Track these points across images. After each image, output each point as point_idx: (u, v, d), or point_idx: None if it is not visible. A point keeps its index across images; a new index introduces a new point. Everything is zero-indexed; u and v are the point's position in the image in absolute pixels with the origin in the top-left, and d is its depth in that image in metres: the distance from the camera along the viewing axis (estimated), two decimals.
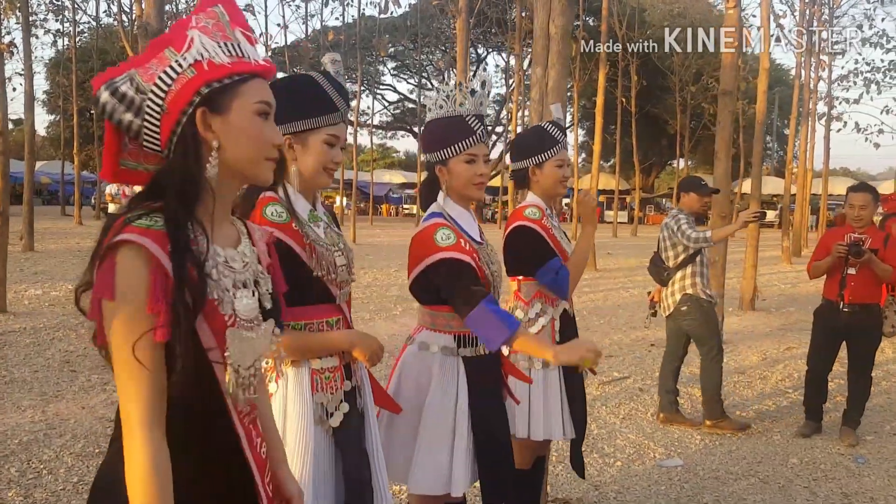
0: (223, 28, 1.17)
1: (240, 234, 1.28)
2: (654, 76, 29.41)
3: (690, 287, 4.52)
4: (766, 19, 9.92)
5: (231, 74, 1.15)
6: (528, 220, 2.62)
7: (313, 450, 1.70)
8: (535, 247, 2.61)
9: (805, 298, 10.81)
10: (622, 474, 3.91)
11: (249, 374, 1.20)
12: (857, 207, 4.39)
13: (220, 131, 1.15)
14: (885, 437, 4.63)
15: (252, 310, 1.21)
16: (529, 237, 2.62)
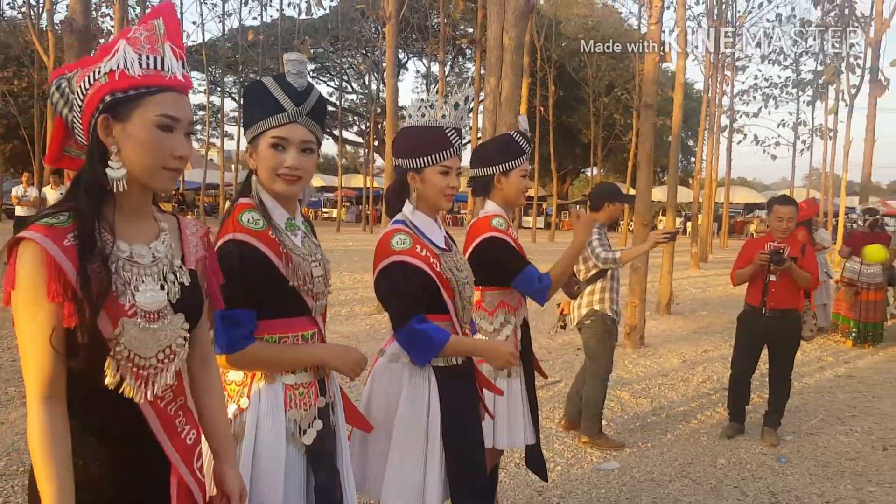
0: (154, 41, 1.27)
1: (159, 231, 1.35)
2: (569, 87, 30.25)
3: (598, 303, 4.40)
4: (683, 35, 10.36)
5: (137, 86, 1.23)
6: (498, 230, 2.62)
7: (285, 468, 1.63)
8: (510, 257, 2.62)
9: (715, 302, 11.35)
10: (563, 479, 3.95)
11: (152, 363, 1.27)
12: (784, 220, 4.58)
13: (119, 138, 1.24)
14: (804, 436, 4.88)
15: (157, 302, 1.28)
16: (502, 248, 2.62)
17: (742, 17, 21.26)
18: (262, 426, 1.65)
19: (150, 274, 1.28)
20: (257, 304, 1.64)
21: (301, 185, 1.74)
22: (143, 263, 1.28)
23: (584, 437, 4.49)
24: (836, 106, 20.81)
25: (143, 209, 1.34)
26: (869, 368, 7.03)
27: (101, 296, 1.18)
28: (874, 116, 12.73)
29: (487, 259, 2.64)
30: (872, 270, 8.03)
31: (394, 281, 2.03)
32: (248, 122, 1.74)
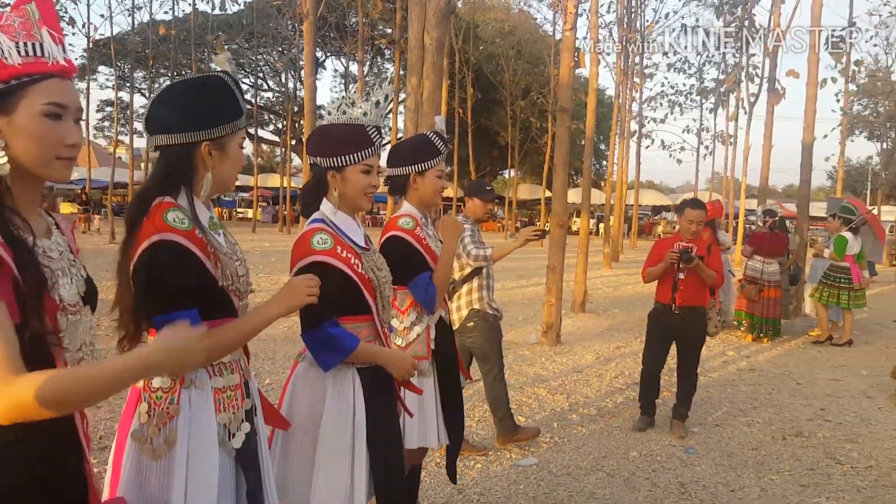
0: (30, 27, 1.21)
1: (49, 226, 1.33)
2: (487, 90, 30.67)
3: (477, 301, 4.27)
4: (595, 42, 10.66)
5: (19, 76, 1.18)
6: (402, 230, 2.61)
7: (218, 476, 1.59)
8: (407, 258, 2.60)
9: (626, 300, 11.75)
10: (482, 476, 3.98)
11: (79, 357, 1.28)
12: (694, 222, 4.82)
13: (5, 131, 1.19)
14: (710, 428, 5.10)
15: (74, 295, 1.29)
16: (401, 247, 2.61)
17: (650, 26, 22.11)
18: (195, 434, 1.60)
19: (60, 268, 1.27)
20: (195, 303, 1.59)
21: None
22: (54, 258, 1.26)
23: (502, 438, 4.44)
24: (736, 113, 21.97)
25: (36, 203, 1.31)
26: (768, 362, 7.43)
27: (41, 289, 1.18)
28: (771, 123, 13.49)
29: (391, 257, 2.63)
30: (773, 269, 8.51)
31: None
32: (214, 119, 1.67)
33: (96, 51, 24.24)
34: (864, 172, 42.90)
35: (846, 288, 8.41)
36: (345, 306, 2.06)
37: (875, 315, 11.08)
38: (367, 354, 2.08)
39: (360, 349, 2.02)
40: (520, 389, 5.83)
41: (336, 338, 1.97)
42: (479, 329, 4.28)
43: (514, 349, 7.44)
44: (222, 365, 1.69)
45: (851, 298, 8.45)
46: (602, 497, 3.77)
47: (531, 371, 6.51)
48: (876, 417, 5.49)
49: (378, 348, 2.13)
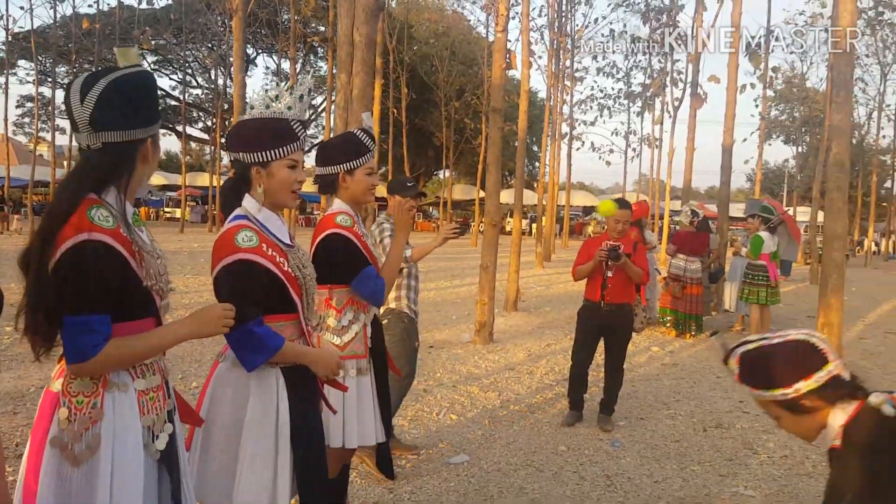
0: None
1: None
2: (421, 90, 30.71)
3: (395, 301, 4.17)
4: (527, 44, 10.82)
5: None
6: (341, 227, 2.59)
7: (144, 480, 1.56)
8: (350, 255, 2.58)
9: (558, 299, 11.97)
10: (414, 474, 3.99)
11: None
12: (621, 221, 4.98)
13: None
14: (635, 421, 5.26)
15: None
16: (343, 245, 2.59)
17: (580, 30, 22.59)
18: (120, 438, 1.55)
19: None
20: (112, 307, 1.54)
21: None
22: None
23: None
24: (661, 117, 22.70)
25: None
26: (690, 357, 7.71)
27: None
28: (694, 127, 13.99)
29: (327, 256, 2.61)
30: (695, 267, 8.83)
31: (237, 280, 1.95)
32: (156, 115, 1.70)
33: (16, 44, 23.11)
34: (781, 175, 45.00)
35: (764, 285, 8.81)
36: (270, 305, 2.02)
37: (790, 311, 11.65)
38: (293, 354, 2.05)
39: (285, 349, 1.99)
40: (452, 388, 5.87)
41: (261, 337, 1.94)
42: (391, 328, 4.14)
43: (448, 348, 7.48)
44: (144, 366, 1.65)
45: (769, 295, 8.85)
46: (531, 492, 3.84)
47: (464, 369, 6.56)
48: None
49: (304, 347, 2.10)
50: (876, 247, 35.62)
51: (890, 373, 7.39)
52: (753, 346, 1.76)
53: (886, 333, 10.11)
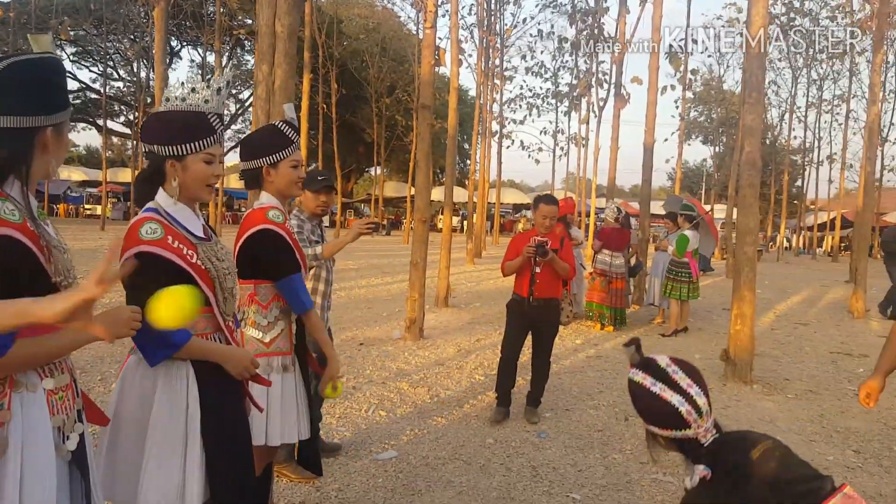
0: None
1: None
2: (352, 86, 30.44)
3: None
4: (456, 42, 10.89)
5: None
6: (273, 223, 2.53)
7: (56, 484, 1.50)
8: (280, 254, 2.54)
9: (488, 295, 12.11)
10: (341, 472, 3.97)
11: None
12: (548, 217, 5.04)
13: None
14: (561, 413, 5.38)
15: None
16: (274, 243, 2.54)
17: (509, 30, 22.86)
18: (30, 439, 1.49)
19: None
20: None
21: None
22: None
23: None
24: (587, 116, 23.22)
25: None
26: (614, 349, 7.94)
27: None
28: (618, 127, 14.37)
29: (257, 252, 2.56)
30: (619, 262, 9.11)
31: (139, 271, 1.90)
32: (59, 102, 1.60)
33: None
34: (700, 173, 46.85)
35: (686, 282, 9.16)
36: None
37: (707, 304, 12.14)
38: (200, 351, 2.00)
39: (191, 345, 1.95)
40: (382, 385, 5.86)
41: (164, 332, 1.89)
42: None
43: (378, 345, 7.47)
44: (53, 365, 1.59)
45: (691, 291, 9.21)
46: (459, 485, 3.88)
47: (394, 366, 6.57)
48: None
49: (213, 345, 2.05)
50: (788, 242, 37.48)
51: (798, 361, 7.81)
52: (639, 380, 2.07)
53: (796, 324, 10.68)
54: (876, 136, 13.22)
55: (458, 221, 36.12)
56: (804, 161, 35.72)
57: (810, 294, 15.63)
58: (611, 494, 3.85)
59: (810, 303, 13.91)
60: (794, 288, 16.66)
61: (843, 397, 6.22)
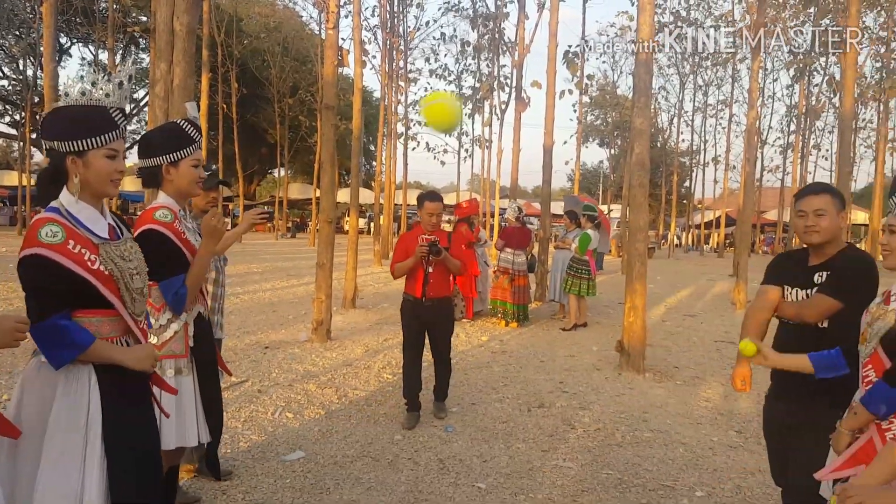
0: None
1: None
2: (253, 85, 29.75)
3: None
4: (359, 43, 10.89)
5: None
6: (159, 223, 2.50)
7: None
8: (162, 254, 2.50)
9: (395, 295, 12.14)
10: (248, 474, 3.94)
11: None
12: (434, 214, 4.95)
13: None
14: (467, 407, 5.52)
15: None
16: (158, 243, 2.50)
17: (412, 32, 23.01)
18: None
19: None
20: None
21: None
22: None
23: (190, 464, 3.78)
24: (490, 119, 23.68)
25: None
26: (517, 344, 8.20)
27: None
28: (519, 129, 14.79)
29: (146, 253, 2.53)
30: (521, 260, 9.40)
31: (36, 273, 1.87)
32: None
33: None
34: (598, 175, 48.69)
35: (586, 279, 9.56)
36: (82, 299, 1.94)
37: (604, 299, 12.70)
38: (103, 353, 1.97)
39: (94, 347, 1.92)
40: (289, 387, 5.83)
41: (67, 332, 1.85)
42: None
43: (284, 348, 7.40)
44: None
45: (589, 287, 9.63)
46: (367, 481, 3.93)
47: (301, 368, 6.53)
48: (604, 387, 6.32)
49: (114, 347, 2.02)
50: (678, 240, 39.56)
51: (686, 350, 8.33)
52: None
53: (685, 316, 11.35)
54: (755, 139, 14.21)
55: (365, 223, 35.95)
56: (692, 163, 37.85)
57: (697, 288, 16.61)
58: (515, 482, 4.01)
59: (698, 296, 14.80)
60: (683, 282, 17.64)
61: (727, 382, 6.69)
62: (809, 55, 22.11)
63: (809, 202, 2.68)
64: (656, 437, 4.90)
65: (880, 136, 24.96)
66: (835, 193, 2.71)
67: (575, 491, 3.90)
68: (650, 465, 4.36)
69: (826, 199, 2.66)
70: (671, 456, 4.54)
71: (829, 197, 2.67)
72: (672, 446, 4.73)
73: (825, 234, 2.65)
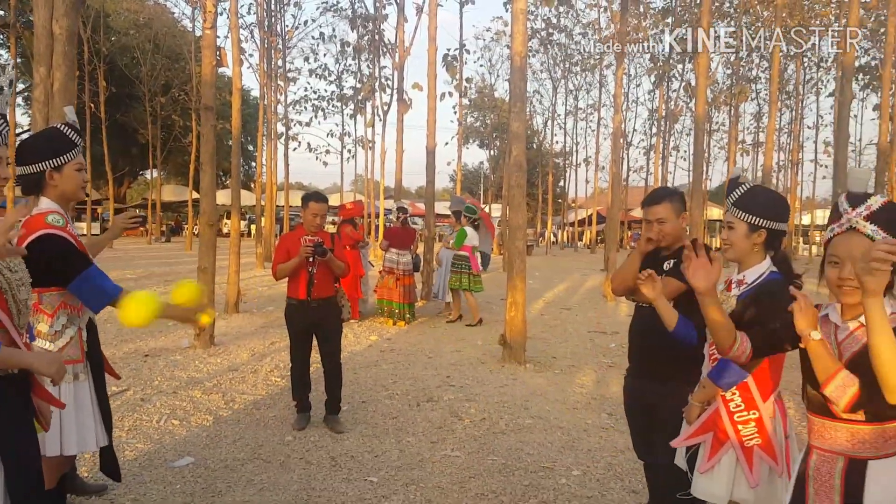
0: None
1: None
2: (122, 83, 28.28)
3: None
4: (237, 42, 10.69)
5: None
6: (54, 227, 2.46)
7: None
8: (65, 257, 2.47)
9: (280, 297, 11.93)
10: (135, 482, 3.87)
11: None
12: (318, 216, 4.93)
13: None
14: (357, 405, 5.62)
15: None
16: (58, 246, 2.47)
17: (290, 31, 22.68)
18: None
19: None
20: None
21: None
22: None
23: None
24: (373, 120, 23.74)
25: None
26: (405, 342, 8.38)
27: None
28: (402, 130, 14.99)
29: (43, 258, 2.48)
30: (406, 259, 9.59)
31: None
32: None
33: None
34: (479, 175, 49.84)
35: (467, 273, 9.89)
36: None
37: (489, 295, 13.13)
38: (10, 359, 1.93)
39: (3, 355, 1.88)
40: (173, 394, 5.70)
41: None
42: None
43: (165, 355, 7.20)
44: None
45: (472, 282, 9.96)
46: (259, 482, 3.96)
47: (184, 375, 6.39)
48: (488, 379, 6.61)
49: (22, 352, 1.99)
50: (554, 237, 41.30)
51: (563, 341, 8.83)
52: None
53: (561, 309, 11.96)
54: (620, 141, 15.16)
55: (245, 225, 34.97)
56: (565, 163, 39.63)
57: (572, 282, 17.49)
58: (405, 473, 4.16)
59: (573, 290, 15.60)
60: (560, 277, 18.51)
61: (599, 369, 7.18)
62: (668, 62, 23.78)
63: (652, 212, 2.99)
64: (537, 423, 5.22)
65: (731, 138, 27.20)
66: (673, 197, 3.02)
67: (462, 478, 4.11)
68: (531, 449, 4.65)
69: (666, 206, 2.97)
70: (550, 440, 4.86)
71: (668, 204, 2.98)
72: (551, 431, 5.06)
73: (668, 239, 2.98)
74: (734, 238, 2.47)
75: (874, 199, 1.82)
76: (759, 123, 31.30)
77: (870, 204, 1.81)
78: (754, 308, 2.40)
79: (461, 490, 3.93)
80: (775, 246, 2.49)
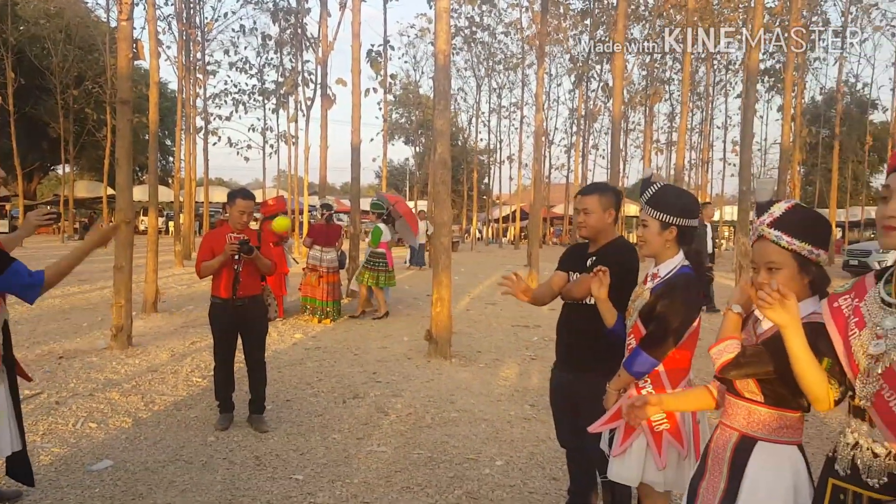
0: None
1: None
2: (31, 75, 26.88)
3: None
4: (154, 34, 10.37)
5: None
6: None
7: None
8: None
9: (200, 297, 11.74)
10: (52, 487, 3.76)
11: None
12: (246, 213, 4.90)
13: None
14: (282, 403, 5.59)
15: None
16: None
17: (210, 23, 22.10)
18: None
19: None
20: None
21: None
22: None
23: None
24: (296, 115, 23.42)
25: None
26: (331, 339, 8.36)
27: None
28: (326, 126, 14.84)
29: None
30: (330, 256, 9.55)
31: None
32: None
33: None
34: (404, 171, 49.88)
35: (383, 270, 9.94)
36: None
37: (414, 291, 13.23)
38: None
39: None
40: (90, 396, 5.54)
41: None
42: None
43: (81, 357, 6.95)
44: None
45: (387, 279, 10.02)
46: (181, 483, 3.91)
47: (101, 377, 6.20)
48: (415, 374, 6.70)
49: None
50: (479, 234, 41.80)
51: (487, 335, 9.01)
52: None
53: (486, 304, 12.17)
54: (542, 140, 15.52)
55: (163, 222, 33.84)
56: (489, 160, 40.13)
57: (497, 278, 17.72)
58: (332, 470, 4.20)
59: (497, 285, 15.84)
60: (485, 273, 18.76)
61: (522, 362, 7.38)
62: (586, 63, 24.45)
63: (581, 201, 3.19)
64: (462, 416, 5.34)
65: (646, 137, 28.23)
66: (604, 193, 3.21)
67: (389, 472, 4.18)
68: (457, 441, 4.76)
69: (594, 199, 3.16)
70: (475, 432, 4.98)
71: (596, 197, 3.17)
72: (476, 423, 5.19)
73: (590, 229, 3.17)
74: (648, 235, 2.65)
75: (777, 207, 1.95)
76: (672, 123, 32.60)
77: (772, 211, 1.95)
78: (661, 299, 2.58)
79: (387, 484, 3.99)
80: (687, 241, 2.67)
